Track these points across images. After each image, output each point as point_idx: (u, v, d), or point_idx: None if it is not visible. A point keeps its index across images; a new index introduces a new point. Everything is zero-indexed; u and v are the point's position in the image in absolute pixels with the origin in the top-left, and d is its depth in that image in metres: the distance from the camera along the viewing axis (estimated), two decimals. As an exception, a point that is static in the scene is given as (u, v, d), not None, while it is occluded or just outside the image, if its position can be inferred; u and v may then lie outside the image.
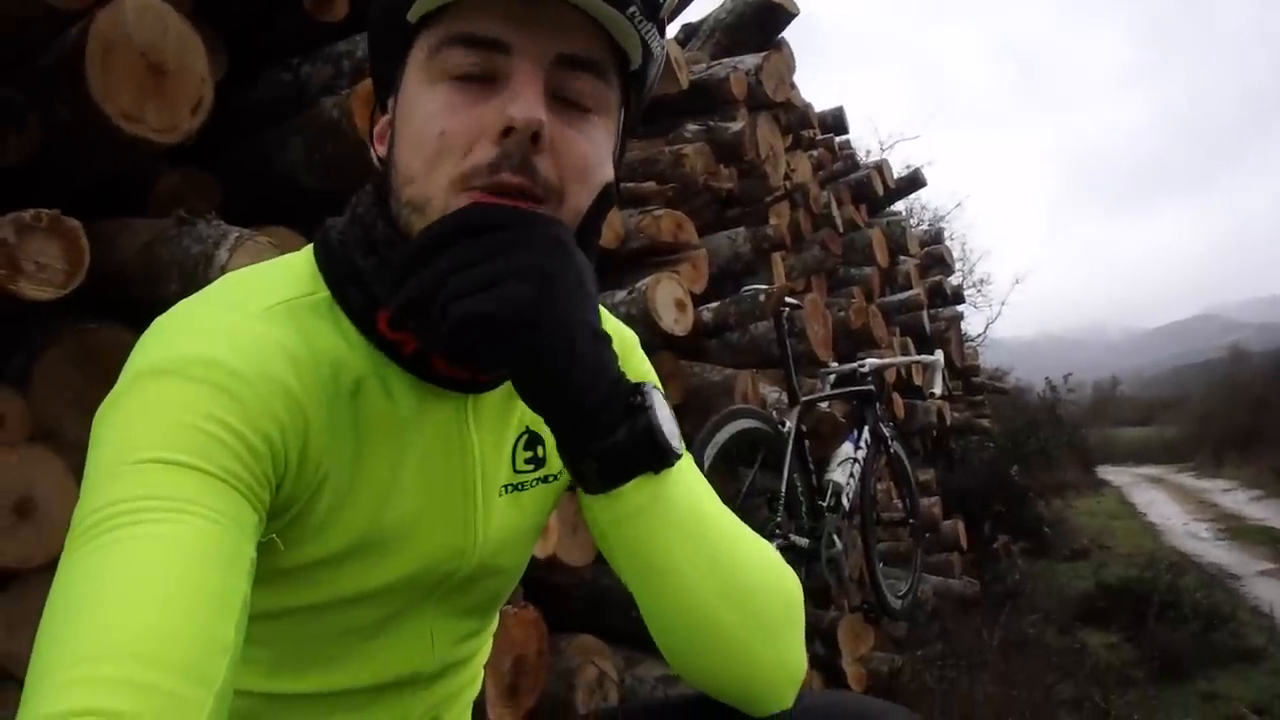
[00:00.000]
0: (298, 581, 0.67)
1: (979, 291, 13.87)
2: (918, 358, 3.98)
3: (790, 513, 2.63)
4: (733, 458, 2.54)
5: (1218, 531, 8.70)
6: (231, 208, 1.67)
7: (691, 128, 3.11)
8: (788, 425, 2.67)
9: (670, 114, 3.22)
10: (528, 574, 0.88)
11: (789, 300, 2.80)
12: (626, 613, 0.71)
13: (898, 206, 7.15)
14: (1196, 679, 3.85)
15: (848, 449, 3.05)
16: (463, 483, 0.72)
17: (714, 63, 3.53)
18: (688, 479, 0.69)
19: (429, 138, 0.62)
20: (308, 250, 0.71)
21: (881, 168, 5.55)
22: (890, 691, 3.00)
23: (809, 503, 2.75)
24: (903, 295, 5.39)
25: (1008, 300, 21.54)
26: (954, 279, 7.18)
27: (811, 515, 2.75)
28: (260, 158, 1.78)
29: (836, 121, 5.18)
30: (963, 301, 7.60)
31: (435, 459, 0.70)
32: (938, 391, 3.47)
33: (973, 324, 12.57)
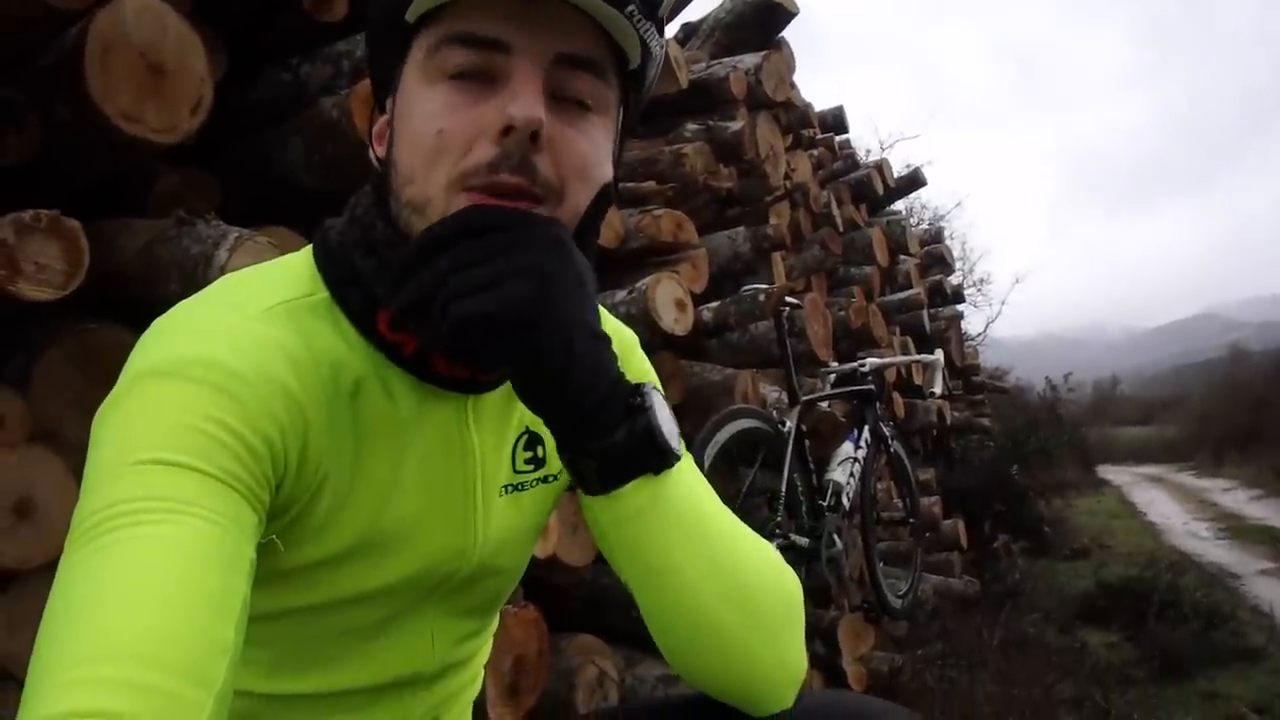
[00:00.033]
0: (298, 582, 0.67)
1: (979, 291, 13.87)
2: (918, 357, 3.98)
3: (790, 512, 2.63)
4: (733, 457, 2.54)
5: (1218, 531, 8.70)
6: (231, 208, 1.67)
7: (691, 127, 3.11)
8: (788, 425, 2.67)
9: (670, 113, 3.21)
10: (528, 574, 0.88)
11: (789, 300, 2.80)
12: (626, 612, 0.71)
13: (898, 206, 7.15)
14: (1196, 678, 3.85)
15: (848, 448, 3.05)
16: (463, 483, 0.72)
17: (714, 62, 3.53)
18: (688, 479, 0.69)
19: (427, 137, 0.61)
20: (307, 251, 0.71)
21: (881, 167, 5.55)
22: (890, 691, 3.00)
23: (809, 502, 2.75)
24: (903, 294, 5.39)
25: (1008, 299, 21.57)
26: (954, 278, 7.18)
27: (812, 515, 2.75)
28: (260, 158, 1.78)
29: (836, 121, 5.18)
30: (963, 301, 7.60)
31: (435, 459, 0.70)
32: (938, 391, 3.47)
33: (973, 323, 12.58)
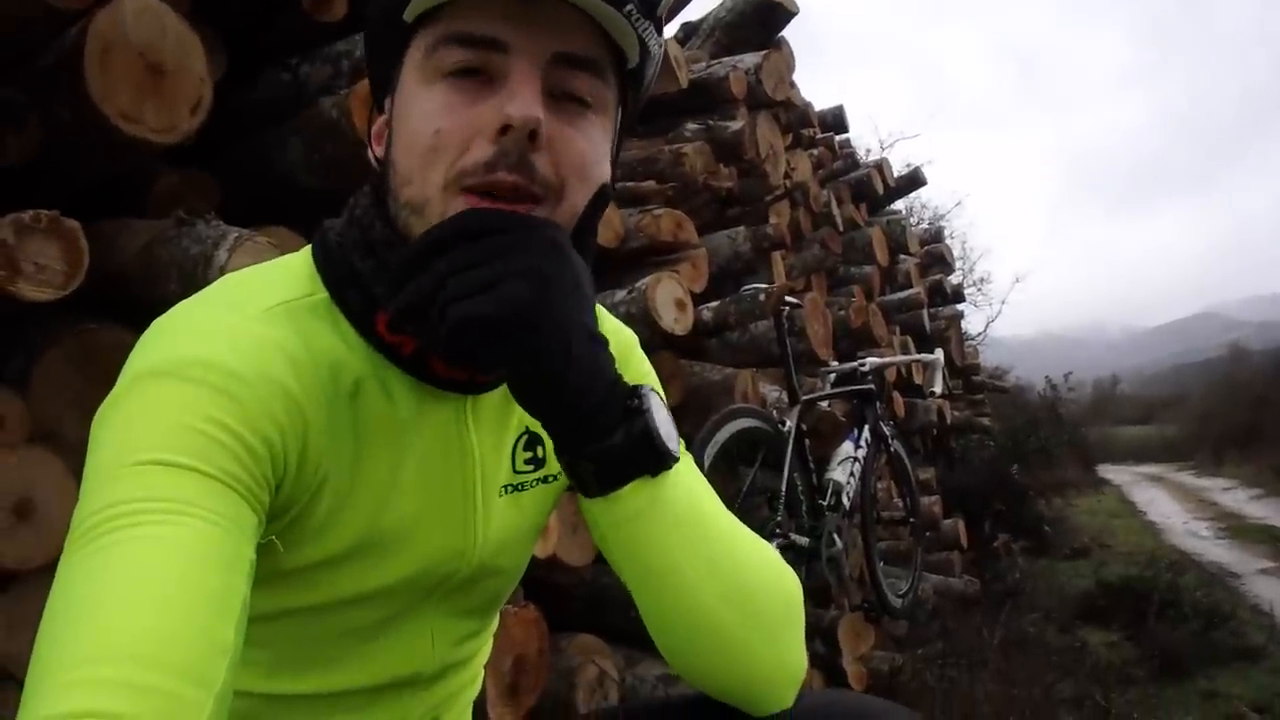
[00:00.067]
0: (297, 583, 0.67)
1: (979, 290, 13.88)
2: (918, 356, 3.98)
3: (790, 512, 2.63)
4: (733, 457, 2.55)
5: (1218, 530, 8.70)
6: (231, 208, 1.67)
7: (691, 127, 3.11)
8: (788, 424, 2.67)
9: (670, 113, 3.21)
10: (528, 574, 0.88)
11: (789, 299, 2.80)
12: (627, 612, 0.71)
13: (898, 205, 7.16)
14: (1197, 677, 3.85)
15: (848, 448, 3.05)
16: (462, 484, 0.72)
17: (714, 61, 3.53)
18: (686, 480, 0.69)
19: (424, 137, 0.61)
20: (306, 251, 0.71)
21: (881, 166, 5.55)
22: (891, 690, 3.00)
23: (809, 502, 2.75)
24: (903, 294, 5.39)
25: (1008, 299, 21.56)
26: (954, 278, 7.18)
27: (812, 514, 2.75)
28: (259, 158, 1.78)
29: (836, 120, 5.18)
30: (963, 300, 7.61)
31: (435, 460, 0.70)
32: (938, 390, 3.47)
33: (973, 323, 12.58)
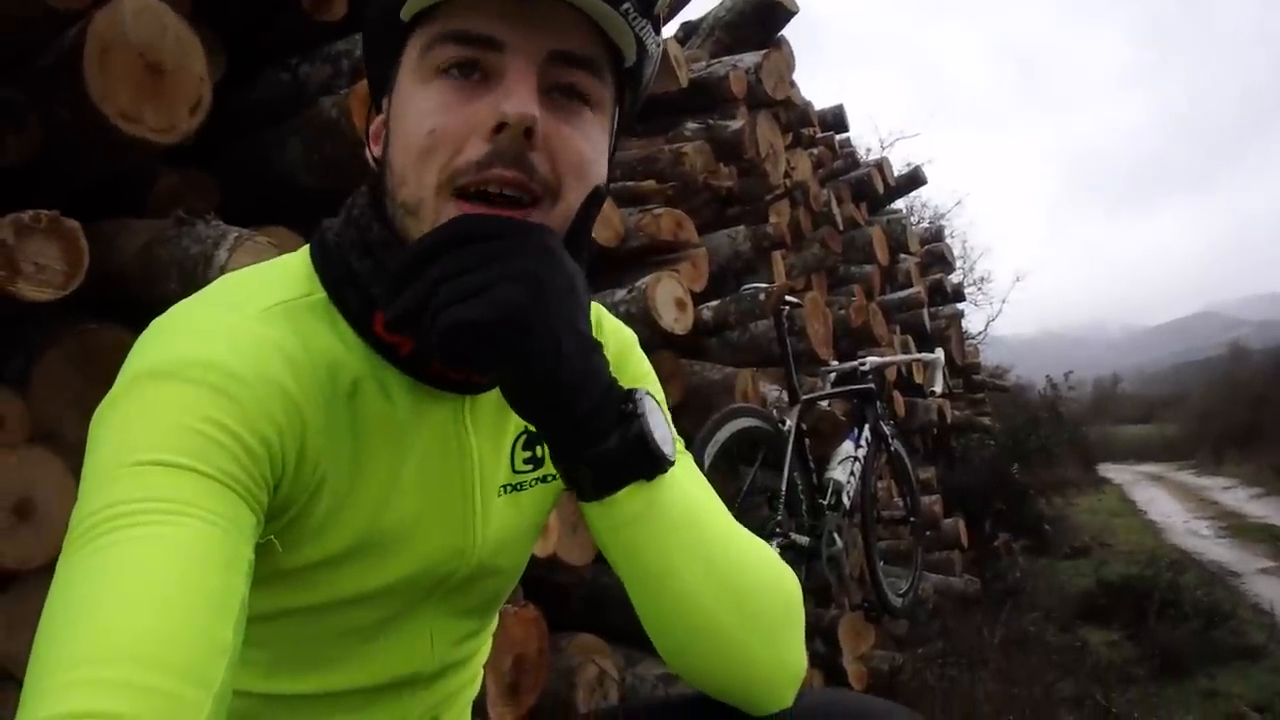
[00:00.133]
0: (297, 583, 0.67)
1: (979, 289, 13.88)
2: (918, 356, 3.98)
3: (791, 511, 2.63)
4: (733, 456, 2.55)
5: (1218, 529, 8.71)
6: (230, 208, 1.67)
7: (691, 126, 3.11)
8: (788, 424, 2.67)
9: (670, 112, 3.21)
10: (528, 573, 0.88)
11: (789, 299, 2.80)
12: (627, 611, 0.71)
13: (898, 204, 7.15)
14: (1197, 676, 3.85)
15: (848, 447, 3.05)
16: (461, 484, 0.72)
17: (713, 61, 3.53)
18: (684, 483, 0.69)
19: (419, 137, 0.61)
20: (304, 251, 0.71)
21: (882, 166, 5.55)
22: (891, 689, 3.01)
23: (809, 501, 2.75)
24: (903, 293, 5.39)
25: (1008, 298, 21.57)
26: (954, 277, 7.18)
27: (812, 513, 2.75)
28: (259, 158, 1.78)
29: (836, 119, 5.18)
30: (963, 299, 7.61)
31: (433, 460, 0.70)
32: (938, 389, 3.47)
33: (973, 322, 12.58)
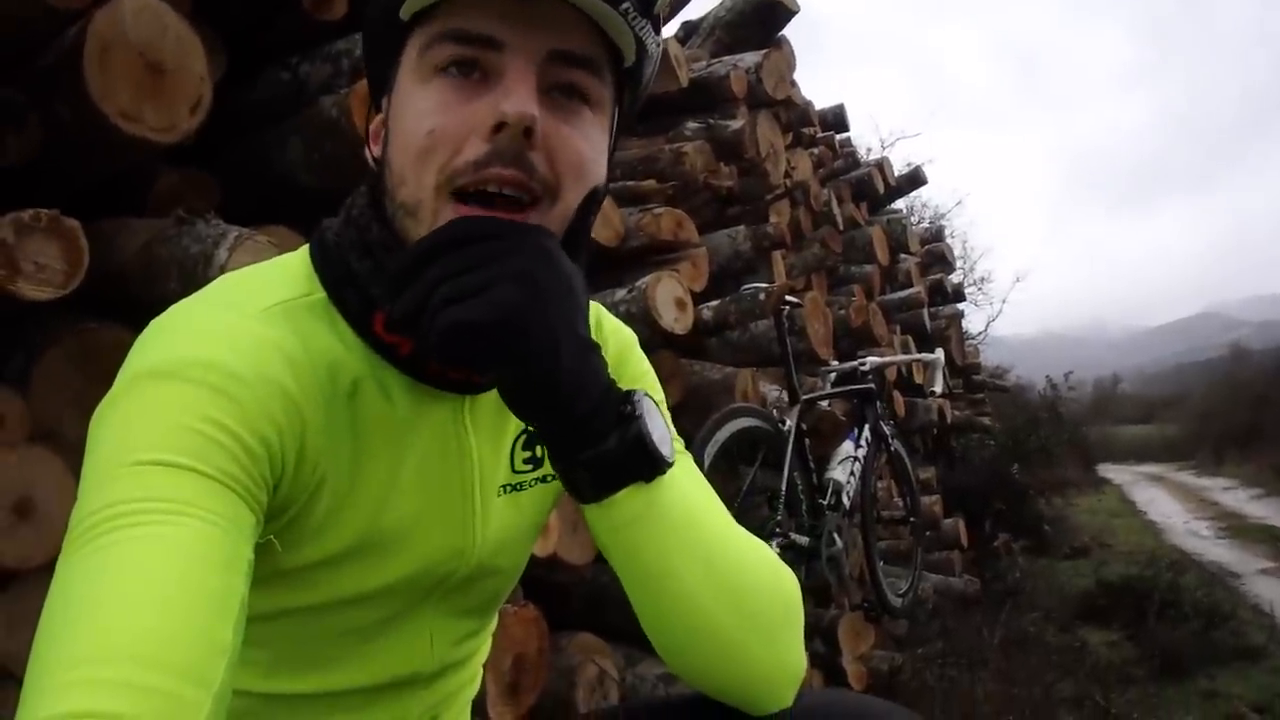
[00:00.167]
0: (297, 583, 0.67)
1: (980, 289, 13.88)
2: (918, 356, 3.98)
3: (790, 511, 2.63)
4: (733, 456, 2.55)
5: (1218, 530, 8.71)
6: (231, 207, 1.67)
7: (691, 126, 3.11)
8: (788, 424, 2.67)
9: (670, 112, 3.21)
10: (528, 572, 0.88)
11: (789, 298, 2.80)
12: (627, 611, 0.71)
13: (898, 204, 7.15)
14: (1197, 677, 3.85)
15: (848, 447, 3.05)
16: (461, 483, 0.72)
17: (714, 60, 3.53)
18: (683, 484, 0.69)
19: (418, 137, 0.61)
20: (304, 251, 0.71)
21: (882, 165, 5.55)
22: (891, 690, 3.01)
23: (809, 501, 2.75)
24: (903, 293, 5.39)
25: (1009, 298, 21.56)
26: (955, 277, 7.18)
27: (812, 513, 2.75)
28: (259, 157, 1.78)
29: (837, 119, 5.18)
30: (963, 299, 7.61)
31: (433, 460, 0.70)
32: (938, 389, 3.47)
33: (973, 322, 12.58)
